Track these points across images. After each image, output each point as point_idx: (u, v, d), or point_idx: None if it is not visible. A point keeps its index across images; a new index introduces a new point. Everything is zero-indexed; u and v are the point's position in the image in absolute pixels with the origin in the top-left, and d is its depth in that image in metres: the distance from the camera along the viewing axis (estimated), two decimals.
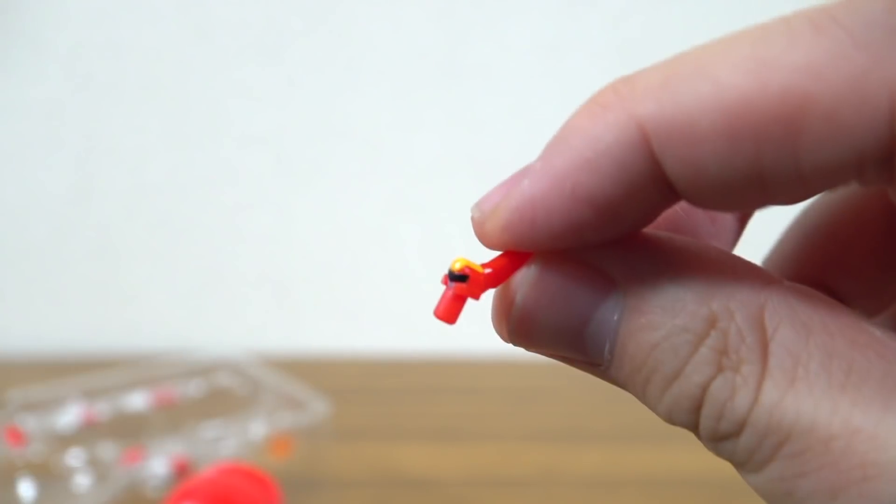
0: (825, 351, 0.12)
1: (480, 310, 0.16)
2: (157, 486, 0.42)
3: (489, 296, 0.15)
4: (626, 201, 0.13)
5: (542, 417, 0.57)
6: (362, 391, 0.61)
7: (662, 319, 0.13)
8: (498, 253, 0.15)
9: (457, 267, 0.14)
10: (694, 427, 0.13)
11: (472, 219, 0.15)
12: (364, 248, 0.69)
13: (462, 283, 0.14)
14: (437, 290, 0.15)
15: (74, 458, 0.44)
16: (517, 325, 0.15)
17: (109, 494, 0.41)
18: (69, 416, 0.49)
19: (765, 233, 0.20)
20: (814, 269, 0.18)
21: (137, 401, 0.52)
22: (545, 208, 0.13)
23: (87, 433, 0.48)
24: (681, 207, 0.15)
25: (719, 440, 0.13)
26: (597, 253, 0.14)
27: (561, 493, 0.46)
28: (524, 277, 0.14)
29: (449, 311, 0.15)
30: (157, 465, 0.42)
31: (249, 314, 0.71)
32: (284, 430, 0.47)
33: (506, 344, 0.15)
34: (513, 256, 0.15)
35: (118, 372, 0.54)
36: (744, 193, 0.12)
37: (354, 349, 0.70)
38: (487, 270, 0.15)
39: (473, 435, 0.53)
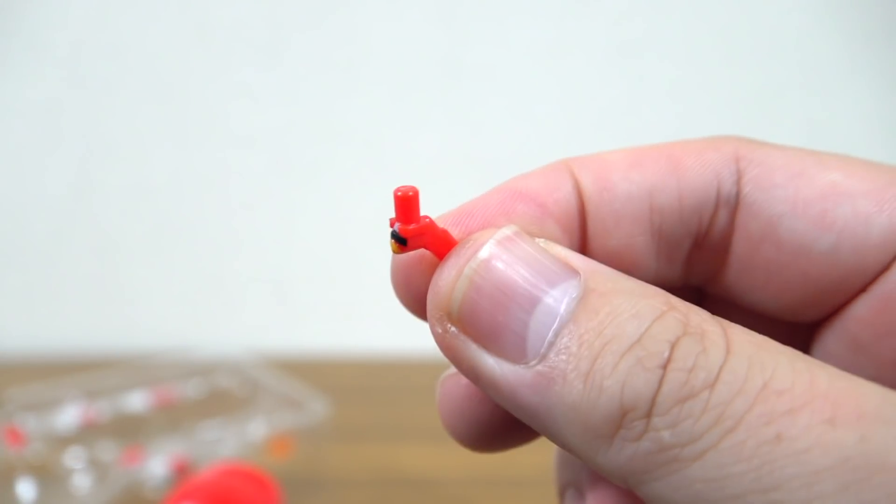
0: (776, 344, 0.13)
1: None
2: (157, 486, 0.42)
3: None
4: (551, 200, 0.17)
5: None
6: (362, 391, 0.61)
7: (625, 297, 0.13)
8: None
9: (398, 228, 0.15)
10: (653, 392, 0.12)
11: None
12: (364, 248, 0.69)
13: (401, 244, 0.15)
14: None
15: (74, 458, 0.44)
16: (475, 276, 0.14)
17: (109, 495, 0.41)
18: (68, 416, 0.49)
19: None
20: None
21: (137, 401, 0.52)
22: (485, 204, 0.16)
23: (87, 433, 0.48)
24: None
25: (686, 399, 0.12)
26: (561, 249, 0.15)
27: None
28: (494, 235, 0.14)
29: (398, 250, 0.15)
30: (157, 465, 0.42)
31: (249, 314, 0.71)
32: (284, 430, 0.47)
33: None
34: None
35: (118, 372, 0.54)
36: (638, 216, 0.17)
37: (354, 349, 0.70)
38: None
39: None
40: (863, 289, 0.16)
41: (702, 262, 0.18)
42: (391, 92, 0.66)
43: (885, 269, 0.16)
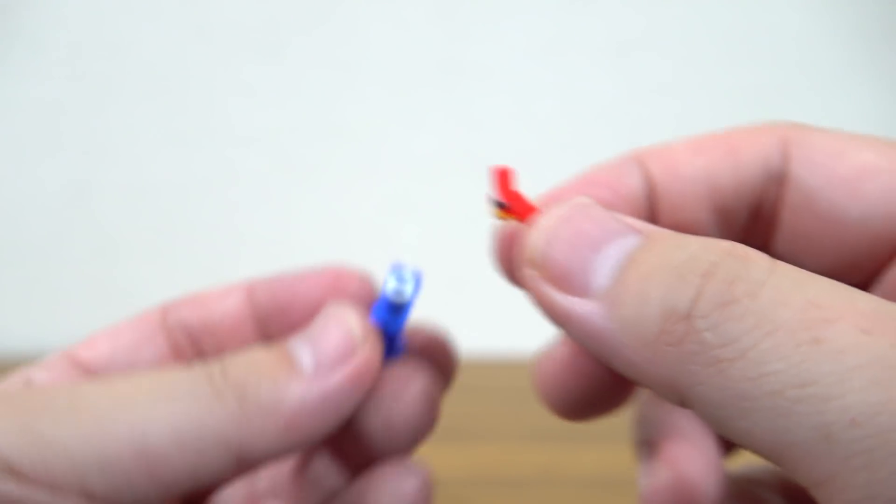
0: (821, 276, 0.14)
1: (481, 310, 0.16)
2: None
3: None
4: (622, 186, 0.20)
5: (542, 417, 0.56)
6: None
7: (677, 237, 0.15)
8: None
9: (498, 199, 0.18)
10: (692, 297, 0.13)
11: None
12: (364, 248, 0.69)
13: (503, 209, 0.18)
14: (435, 291, 0.15)
15: None
16: (552, 228, 0.16)
17: None
18: None
19: None
20: None
21: None
22: (564, 190, 0.20)
23: None
24: None
25: (727, 304, 0.13)
26: (629, 217, 0.17)
27: (561, 493, 0.46)
28: (571, 201, 0.17)
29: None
30: None
31: None
32: None
33: (507, 344, 0.16)
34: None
35: None
36: (701, 196, 0.20)
37: None
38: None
39: (473, 435, 0.53)
40: (893, 255, 0.19)
41: (756, 232, 0.21)
42: (391, 91, 0.66)
43: None
